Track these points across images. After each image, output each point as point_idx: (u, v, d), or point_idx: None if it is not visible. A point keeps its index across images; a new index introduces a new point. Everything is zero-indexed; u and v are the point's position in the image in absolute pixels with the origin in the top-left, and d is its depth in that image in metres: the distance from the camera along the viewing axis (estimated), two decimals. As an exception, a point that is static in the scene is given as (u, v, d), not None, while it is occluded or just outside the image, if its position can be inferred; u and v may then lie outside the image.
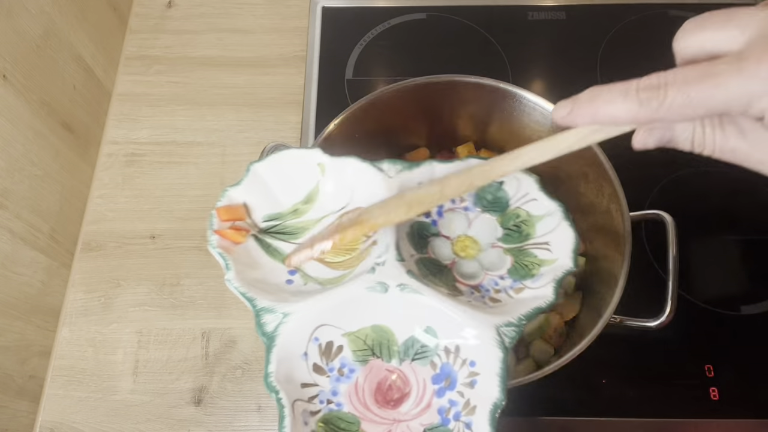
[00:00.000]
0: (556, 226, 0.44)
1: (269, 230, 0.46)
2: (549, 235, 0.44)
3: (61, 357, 0.61)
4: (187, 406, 0.59)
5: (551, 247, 0.43)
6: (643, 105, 0.27)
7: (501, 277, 0.44)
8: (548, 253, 0.43)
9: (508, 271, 0.44)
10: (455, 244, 0.46)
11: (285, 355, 0.39)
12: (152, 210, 0.68)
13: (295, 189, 0.47)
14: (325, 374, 0.40)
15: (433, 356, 0.40)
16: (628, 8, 0.79)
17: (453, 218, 0.47)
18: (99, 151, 0.72)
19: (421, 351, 0.41)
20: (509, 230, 0.46)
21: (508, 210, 0.46)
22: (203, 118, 0.73)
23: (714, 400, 0.56)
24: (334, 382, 0.40)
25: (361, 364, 0.40)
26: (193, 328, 0.62)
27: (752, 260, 0.63)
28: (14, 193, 0.58)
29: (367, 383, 0.40)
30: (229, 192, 0.45)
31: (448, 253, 0.46)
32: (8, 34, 0.57)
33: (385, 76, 0.75)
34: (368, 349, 0.41)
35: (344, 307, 0.40)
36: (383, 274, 0.40)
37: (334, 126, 0.55)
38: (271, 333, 0.39)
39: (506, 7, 0.79)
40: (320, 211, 0.46)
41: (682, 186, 0.67)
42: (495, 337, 0.38)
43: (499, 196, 0.46)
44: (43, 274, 0.62)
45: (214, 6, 0.81)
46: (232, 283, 0.41)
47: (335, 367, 0.40)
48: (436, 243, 0.46)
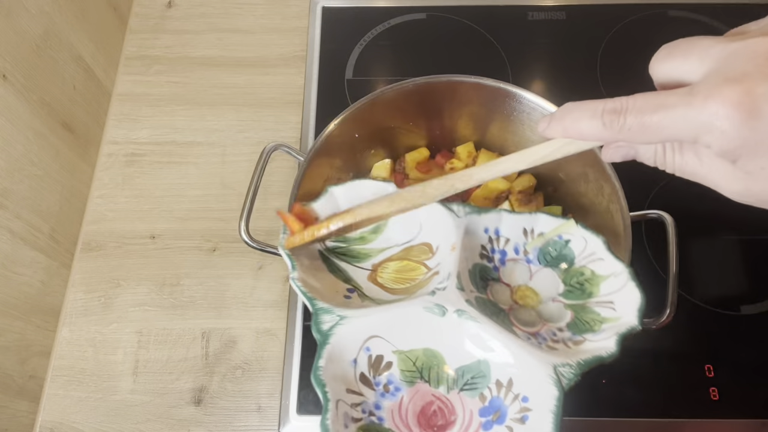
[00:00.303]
0: (622, 286, 0.43)
1: (335, 250, 0.47)
2: (614, 294, 0.43)
3: (61, 357, 0.61)
4: (187, 406, 0.59)
5: (615, 306, 0.42)
6: (605, 126, 0.29)
7: (560, 329, 0.43)
8: (612, 312, 0.42)
9: (567, 324, 0.43)
10: (515, 292, 0.46)
11: (336, 355, 0.39)
12: (152, 210, 0.68)
13: None
14: (371, 386, 0.40)
15: (484, 388, 0.40)
16: (628, 8, 0.79)
17: (515, 268, 0.47)
18: (99, 151, 0.72)
19: (471, 382, 0.40)
20: (572, 287, 0.45)
21: (572, 267, 0.45)
22: (203, 118, 0.73)
23: (714, 400, 0.56)
24: (378, 396, 0.40)
25: (408, 384, 0.40)
26: (193, 328, 0.62)
27: (752, 260, 0.63)
28: (14, 193, 0.58)
29: (411, 405, 0.40)
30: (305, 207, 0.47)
31: (506, 299, 0.45)
32: (8, 34, 0.57)
33: (385, 76, 0.75)
34: (417, 372, 0.41)
35: (399, 324, 0.41)
36: (442, 298, 0.40)
37: (334, 126, 0.55)
38: (326, 331, 0.39)
39: (506, 7, 0.79)
40: (385, 242, 0.48)
41: (682, 186, 0.66)
42: (552, 374, 0.37)
43: (564, 253, 0.46)
44: (43, 274, 0.62)
45: (214, 6, 0.81)
46: (295, 281, 0.42)
47: (381, 382, 0.40)
48: (496, 287, 0.46)
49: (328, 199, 0.47)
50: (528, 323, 0.43)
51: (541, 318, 0.44)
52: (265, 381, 0.60)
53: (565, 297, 0.45)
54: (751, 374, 0.58)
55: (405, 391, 0.40)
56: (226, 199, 0.68)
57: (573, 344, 0.41)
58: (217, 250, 0.66)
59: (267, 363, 0.60)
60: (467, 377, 0.40)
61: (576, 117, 0.31)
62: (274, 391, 0.59)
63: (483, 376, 0.40)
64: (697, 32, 0.30)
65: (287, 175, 0.69)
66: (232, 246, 0.66)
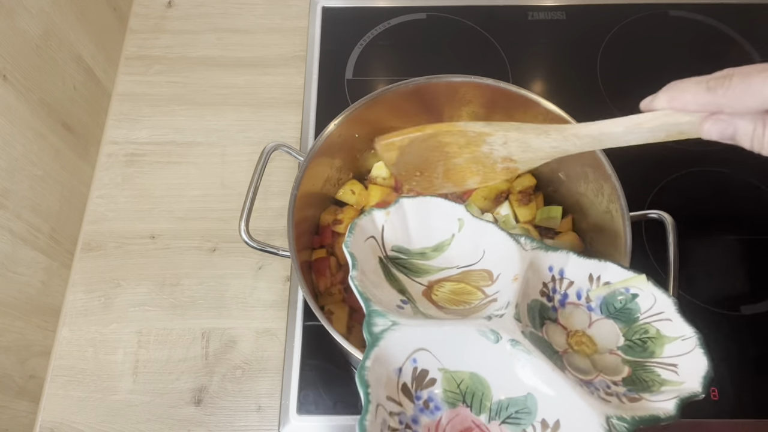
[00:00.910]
0: (689, 351, 0.41)
1: (395, 260, 0.48)
2: (678, 358, 0.41)
3: (61, 357, 0.61)
4: (187, 406, 0.59)
5: (678, 371, 0.40)
6: (709, 90, 0.31)
7: (615, 383, 0.41)
8: (674, 375, 0.40)
9: (623, 379, 0.41)
10: (571, 337, 0.44)
11: (382, 359, 0.38)
12: (152, 210, 0.68)
13: (430, 234, 0.49)
14: (411, 399, 0.39)
15: (527, 425, 0.38)
16: (628, 8, 0.79)
17: (574, 312, 0.45)
18: (99, 151, 0.72)
19: (516, 416, 0.39)
20: (633, 342, 0.43)
21: (636, 324, 0.43)
22: (203, 118, 0.73)
23: (714, 400, 0.56)
24: (417, 411, 0.39)
25: (449, 406, 0.39)
26: (193, 328, 0.62)
27: (752, 260, 0.63)
28: (14, 193, 0.58)
29: (449, 427, 0.39)
30: (374, 212, 0.48)
31: (562, 341, 0.43)
32: (8, 34, 0.57)
33: (385, 76, 0.75)
34: (460, 395, 0.40)
35: (450, 342, 0.40)
36: (498, 325, 0.39)
37: (334, 126, 0.55)
38: (377, 333, 0.39)
39: (506, 7, 0.79)
40: (445, 262, 0.48)
41: (682, 186, 0.67)
42: (604, 425, 0.35)
43: (629, 307, 0.44)
44: (43, 274, 0.62)
45: (214, 6, 0.81)
46: (354, 280, 0.41)
47: (422, 397, 0.39)
48: (552, 328, 0.44)
49: (396, 209, 0.48)
50: (582, 371, 0.41)
51: (595, 368, 0.42)
52: (265, 381, 0.60)
53: (624, 352, 0.43)
54: (750, 374, 0.58)
55: (445, 412, 0.39)
56: (226, 199, 0.68)
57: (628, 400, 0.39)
58: (217, 250, 0.66)
59: (267, 363, 0.60)
60: (512, 410, 0.39)
61: (681, 87, 0.33)
62: (274, 391, 0.59)
63: (528, 413, 0.38)
64: (697, 32, 0.30)
65: (287, 175, 0.69)
66: (232, 246, 0.66)
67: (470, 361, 0.40)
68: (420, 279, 0.47)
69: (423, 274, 0.47)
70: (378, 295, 0.42)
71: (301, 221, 0.54)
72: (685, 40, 0.77)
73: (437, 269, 0.48)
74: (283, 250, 0.52)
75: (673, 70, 0.66)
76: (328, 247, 0.61)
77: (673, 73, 0.36)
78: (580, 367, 0.41)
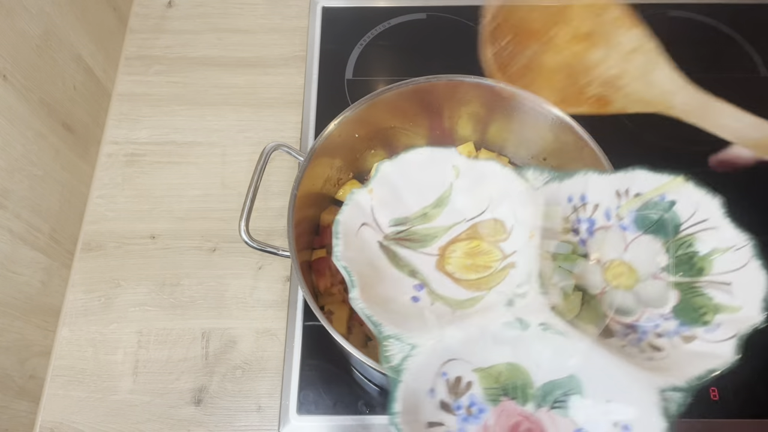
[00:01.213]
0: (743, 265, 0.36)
1: (397, 236, 0.43)
2: (731, 274, 0.36)
3: (61, 357, 0.61)
4: (187, 406, 0.59)
5: (733, 290, 0.35)
6: None
7: (664, 317, 0.36)
8: (728, 297, 0.35)
9: (673, 309, 0.36)
10: (607, 271, 0.39)
11: (410, 392, 0.35)
12: (152, 210, 0.68)
13: (425, 191, 0.44)
14: (452, 412, 0.36)
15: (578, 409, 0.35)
16: (627, 8, 0.78)
17: (606, 238, 0.40)
18: (99, 151, 0.72)
19: (563, 399, 0.35)
20: (677, 259, 0.38)
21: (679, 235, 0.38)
22: (203, 118, 0.73)
23: (714, 400, 0.56)
24: (461, 422, 0.36)
25: (492, 404, 0.36)
26: (193, 328, 0.62)
27: (752, 260, 0.63)
28: (14, 193, 0.58)
29: (498, 426, 0.36)
30: (356, 195, 0.43)
31: (597, 280, 0.39)
32: (8, 34, 0.57)
33: (385, 76, 0.75)
34: (500, 389, 0.36)
35: (476, 340, 0.36)
36: (523, 309, 0.36)
37: (334, 126, 0.55)
38: (397, 367, 0.35)
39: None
40: (451, 218, 0.43)
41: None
42: (658, 402, 0.32)
43: (667, 218, 0.38)
44: (43, 274, 0.62)
45: (214, 6, 0.81)
46: (357, 303, 0.37)
47: (463, 404, 0.36)
48: (584, 268, 0.39)
49: (379, 180, 0.43)
50: (625, 311, 0.37)
51: (640, 301, 0.37)
52: (265, 381, 0.60)
53: (669, 273, 0.37)
54: (750, 374, 0.58)
55: (489, 412, 0.36)
56: (226, 199, 0.68)
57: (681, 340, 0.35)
58: (217, 250, 0.66)
59: (267, 363, 0.60)
60: (557, 393, 0.36)
61: None
62: (274, 391, 0.59)
63: (576, 393, 0.35)
64: (697, 32, 0.30)
65: (287, 175, 0.69)
66: (232, 246, 0.66)
67: (503, 352, 0.37)
68: (429, 248, 0.42)
69: (430, 241, 0.43)
70: (388, 298, 0.39)
71: (301, 221, 0.54)
72: (685, 40, 0.77)
73: (444, 229, 0.43)
74: (283, 250, 0.52)
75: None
76: (328, 247, 0.61)
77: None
78: (624, 307, 0.37)
